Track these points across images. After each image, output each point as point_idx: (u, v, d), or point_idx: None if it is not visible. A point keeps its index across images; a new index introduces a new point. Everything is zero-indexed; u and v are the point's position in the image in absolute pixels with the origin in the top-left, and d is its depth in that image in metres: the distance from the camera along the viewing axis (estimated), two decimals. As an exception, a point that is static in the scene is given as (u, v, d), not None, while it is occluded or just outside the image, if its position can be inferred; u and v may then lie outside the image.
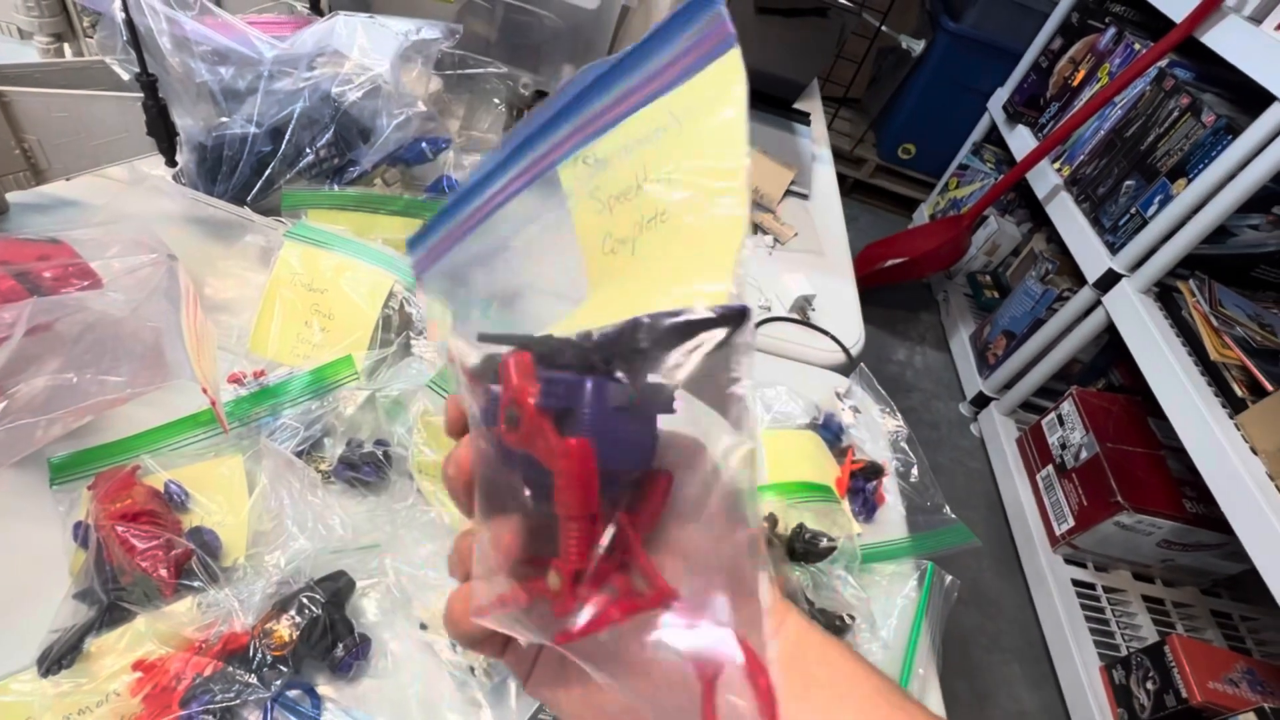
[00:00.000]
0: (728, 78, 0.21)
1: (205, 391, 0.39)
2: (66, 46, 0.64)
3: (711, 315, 0.19)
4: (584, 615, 0.20)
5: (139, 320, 0.38)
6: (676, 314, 0.20)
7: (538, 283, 0.26)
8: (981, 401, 1.93)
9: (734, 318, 0.20)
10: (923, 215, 2.49)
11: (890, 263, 2.07)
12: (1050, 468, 1.63)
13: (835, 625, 0.47)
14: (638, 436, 0.21)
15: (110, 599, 0.39)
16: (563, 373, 0.21)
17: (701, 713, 0.20)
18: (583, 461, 0.20)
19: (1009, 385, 1.84)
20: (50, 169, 0.53)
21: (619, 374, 0.21)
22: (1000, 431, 1.82)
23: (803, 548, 0.51)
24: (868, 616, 0.50)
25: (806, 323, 0.79)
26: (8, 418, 0.31)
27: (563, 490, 0.20)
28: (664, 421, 0.22)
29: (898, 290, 2.29)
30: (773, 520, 0.50)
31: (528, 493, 0.22)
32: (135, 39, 0.48)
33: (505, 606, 0.22)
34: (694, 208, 0.21)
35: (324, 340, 0.54)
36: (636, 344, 0.20)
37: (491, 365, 0.23)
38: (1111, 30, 1.74)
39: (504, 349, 0.22)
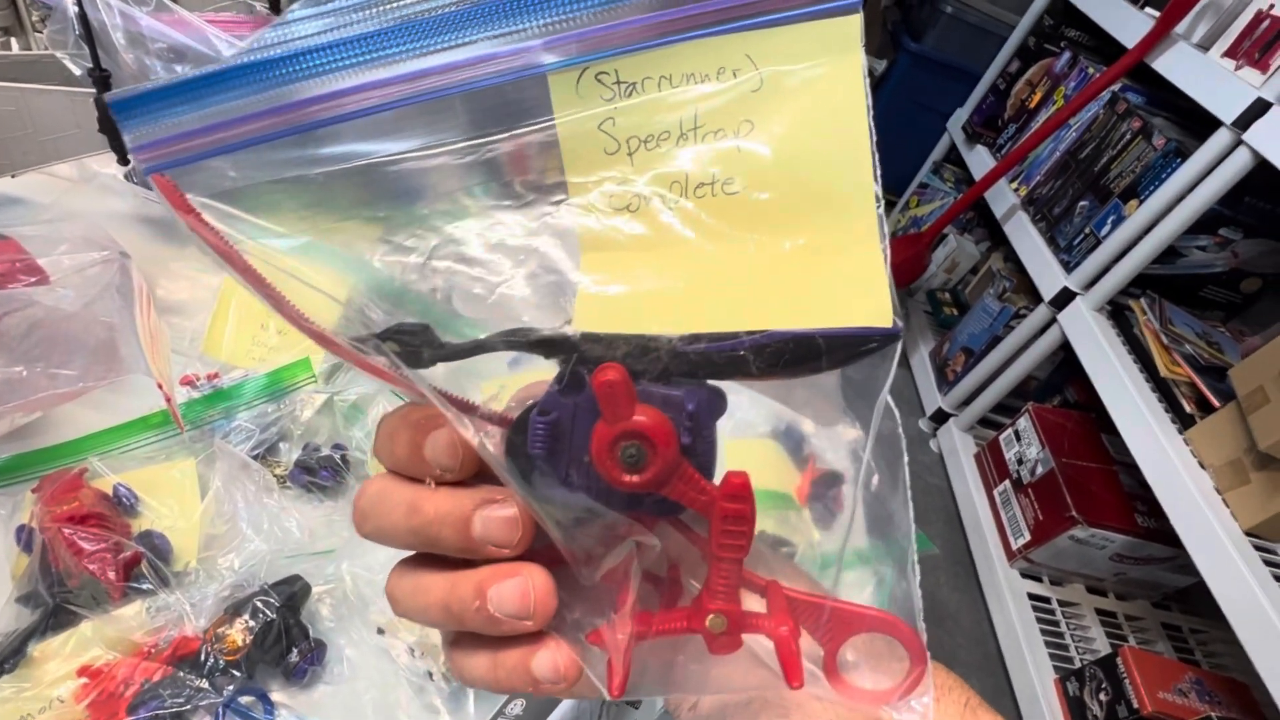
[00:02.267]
0: (845, 41, 0.17)
1: (160, 387, 0.38)
2: (14, 41, 0.62)
3: (875, 339, 0.17)
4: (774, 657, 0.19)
5: (90, 316, 0.37)
6: (821, 333, 0.17)
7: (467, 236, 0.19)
8: (941, 417, 1.97)
9: (889, 340, 0.17)
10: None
11: (856, 278, 2.11)
12: (1007, 483, 1.67)
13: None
14: (712, 444, 0.19)
15: (55, 602, 0.38)
16: (668, 388, 0.17)
17: (826, 675, 0.20)
18: (752, 500, 0.18)
19: (967, 401, 1.88)
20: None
21: (709, 383, 0.18)
22: (959, 447, 1.86)
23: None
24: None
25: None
26: (-54, 414, 0.30)
27: (732, 535, 0.18)
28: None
29: (863, 305, 2.33)
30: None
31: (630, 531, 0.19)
32: (88, 33, 0.47)
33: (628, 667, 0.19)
34: (795, 189, 0.17)
35: (280, 343, 0.53)
36: (783, 361, 0.17)
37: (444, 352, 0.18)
38: (1066, 54, 1.81)
39: (497, 343, 0.18)
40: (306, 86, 0.16)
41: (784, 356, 0.17)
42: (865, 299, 0.17)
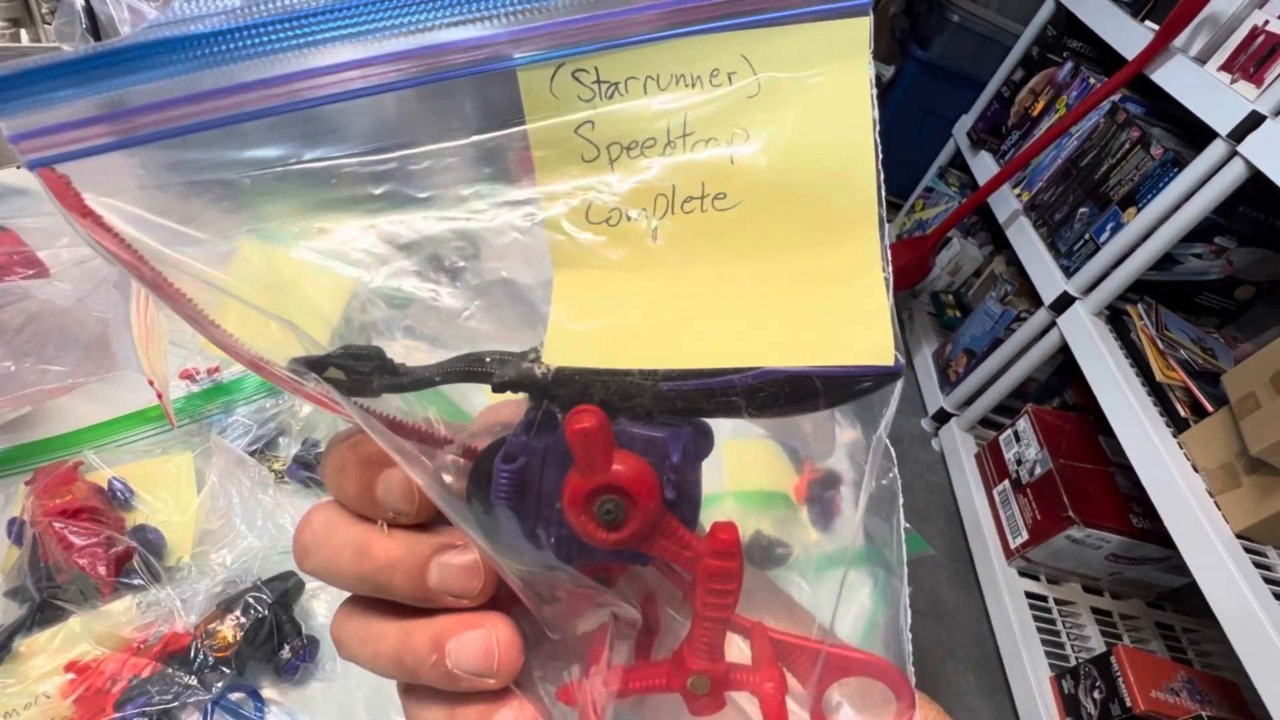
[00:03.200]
0: (852, 45, 0.15)
1: (152, 384, 0.38)
2: (24, 33, 0.62)
3: (872, 377, 0.15)
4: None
5: (85, 311, 0.37)
6: (818, 372, 0.15)
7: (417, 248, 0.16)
8: (943, 417, 1.97)
9: (890, 379, 0.16)
10: (890, 235, 2.55)
11: (857, 280, 2.11)
12: (1006, 482, 1.68)
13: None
14: (698, 489, 0.17)
15: (43, 596, 0.38)
16: (650, 430, 0.15)
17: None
18: (740, 556, 0.16)
19: (969, 402, 1.89)
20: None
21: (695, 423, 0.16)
22: (960, 447, 1.86)
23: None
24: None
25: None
26: (-60, 406, 0.30)
27: (718, 594, 0.17)
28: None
29: (864, 307, 2.34)
30: (728, 526, 0.51)
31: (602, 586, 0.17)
32: (95, 27, 0.47)
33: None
34: (790, 207, 0.15)
35: (283, 338, 0.53)
36: (774, 400, 0.15)
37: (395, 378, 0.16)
38: (1069, 64, 1.82)
39: (515, 394, 0.15)
40: (231, 72, 0.14)
41: (779, 398, 0.15)
42: (865, 333, 0.15)
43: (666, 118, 0.15)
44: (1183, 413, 1.28)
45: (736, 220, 0.15)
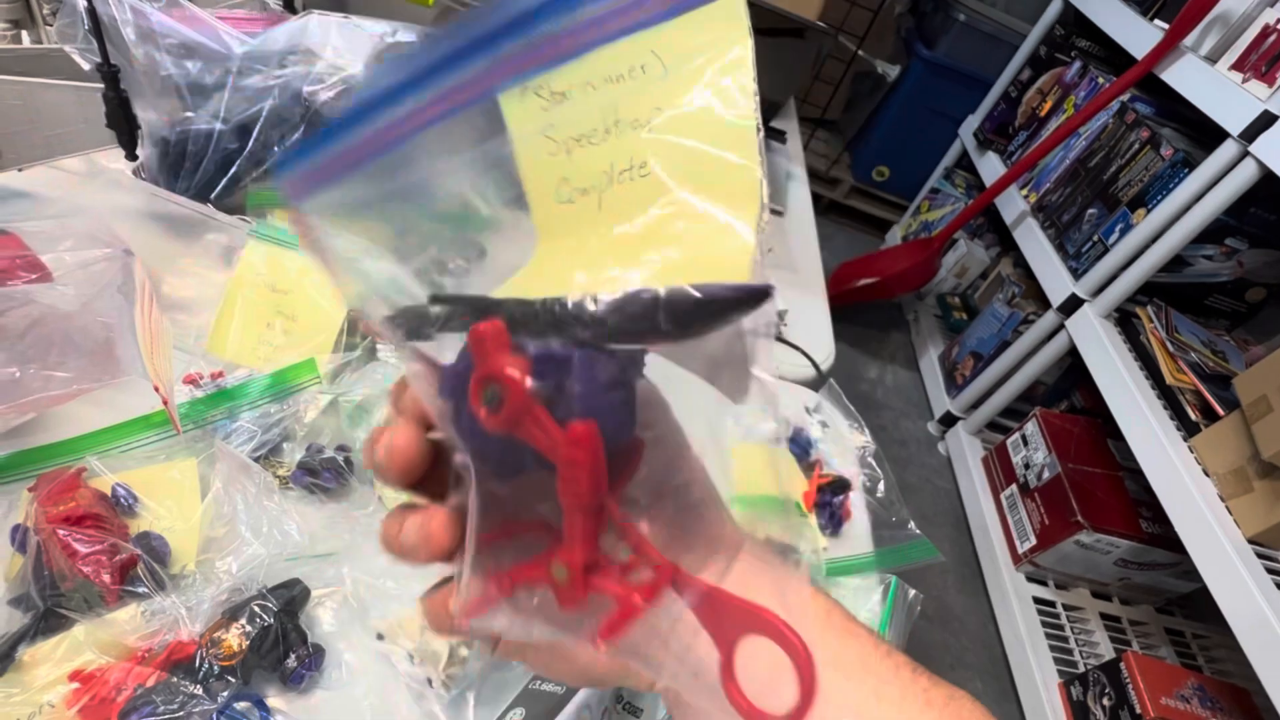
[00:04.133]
0: (730, 14, 0.19)
1: (157, 389, 0.37)
2: (24, 34, 0.62)
3: (733, 295, 0.18)
4: (604, 608, 0.20)
5: (89, 315, 0.37)
6: (692, 290, 0.18)
7: (469, 232, 0.22)
8: (949, 420, 1.96)
9: (757, 298, 0.18)
10: (895, 236, 2.54)
11: (862, 282, 2.10)
12: (1014, 487, 1.66)
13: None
14: (620, 408, 0.20)
15: (47, 605, 0.37)
16: (547, 344, 0.19)
17: (721, 679, 0.20)
18: (593, 449, 0.18)
19: (976, 405, 1.88)
20: (1, 158, 0.51)
21: (606, 345, 0.19)
22: (967, 450, 1.85)
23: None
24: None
25: (778, 338, 0.80)
26: (-59, 413, 0.30)
27: (571, 481, 0.18)
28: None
29: (869, 310, 2.33)
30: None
31: (505, 480, 0.20)
32: (97, 28, 0.47)
33: (489, 604, 0.21)
34: (691, 163, 0.19)
35: (286, 342, 0.53)
36: (648, 319, 0.18)
37: (436, 326, 0.20)
38: (1077, 64, 1.80)
39: (457, 313, 0.20)
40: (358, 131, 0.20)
41: (674, 313, 0.18)
42: (733, 261, 0.19)
43: (603, 111, 0.20)
44: (1193, 416, 1.27)
45: (653, 182, 0.20)
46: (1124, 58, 1.58)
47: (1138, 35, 1.52)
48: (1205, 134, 1.42)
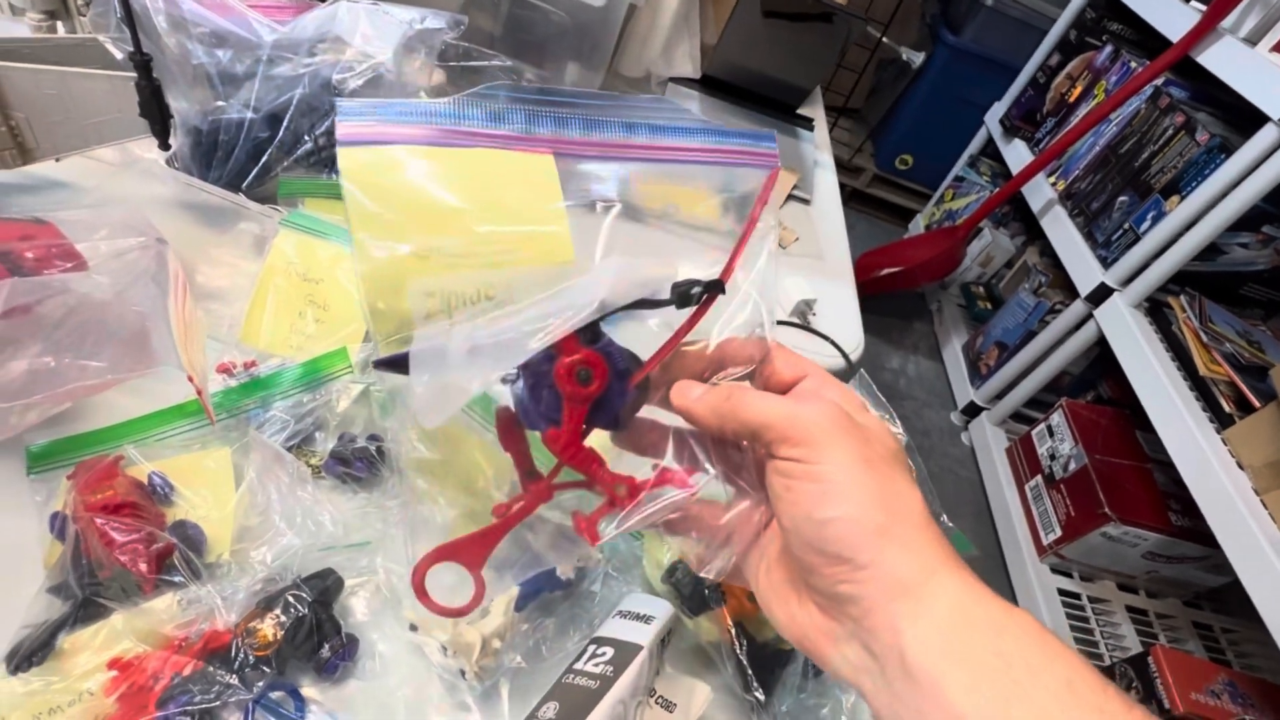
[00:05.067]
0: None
1: (191, 380, 0.37)
2: (59, 24, 0.62)
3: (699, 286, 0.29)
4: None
5: (124, 304, 0.37)
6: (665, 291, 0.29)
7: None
8: (972, 411, 1.93)
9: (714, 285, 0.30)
10: (918, 225, 2.50)
11: (886, 271, 2.07)
12: (1039, 478, 1.64)
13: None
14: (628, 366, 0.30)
15: (86, 594, 0.37)
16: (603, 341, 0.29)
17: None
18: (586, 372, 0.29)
19: (1000, 395, 1.85)
20: (38, 148, 0.51)
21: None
22: (990, 441, 1.83)
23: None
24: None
25: (806, 327, 0.78)
26: (-16, 402, 0.30)
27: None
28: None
29: (892, 299, 2.30)
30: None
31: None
32: (130, 17, 0.47)
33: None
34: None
35: (318, 331, 0.53)
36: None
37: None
38: (1109, 48, 1.76)
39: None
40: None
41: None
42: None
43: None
44: (1227, 408, 1.24)
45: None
46: (1158, 41, 1.54)
47: (1173, 18, 1.48)
48: (1243, 118, 1.37)
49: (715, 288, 0.29)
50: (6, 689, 0.35)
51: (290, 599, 0.40)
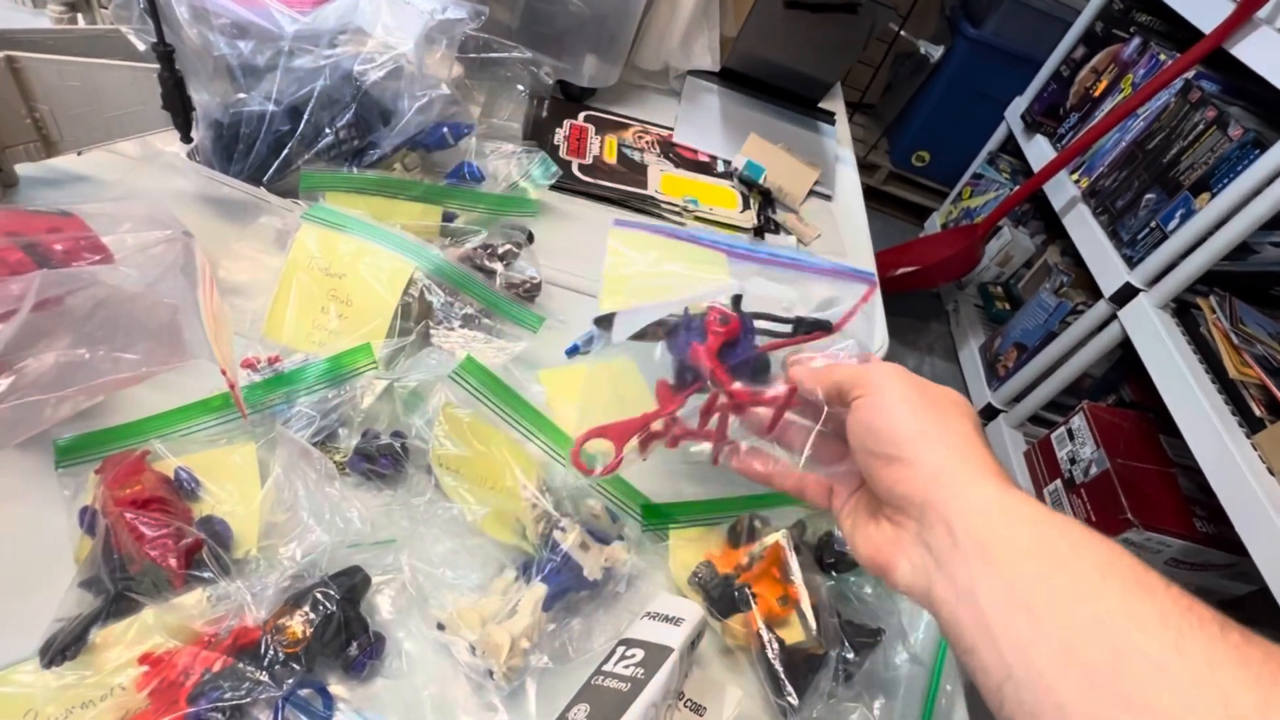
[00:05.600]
0: None
1: (225, 374, 0.37)
2: (80, 16, 0.62)
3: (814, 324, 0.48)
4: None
5: (153, 297, 0.36)
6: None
7: None
8: (990, 413, 1.91)
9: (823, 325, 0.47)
10: (934, 224, 2.47)
11: (901, 271, 2.05)
12: (1058, 482, 1.62)
13: (865, 637, 0.45)
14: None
15: (118, 589, 0.37)
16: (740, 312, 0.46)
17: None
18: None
19: (1018, 398, 1.82)
20: (62, 141, 0.51)
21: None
22: (1008, 444, 1.80)
23: (832, 557, 0.49)
24: (898, 630, 0.48)
25: (829, 327, 0.77)
26: (14, 394, 0.30)
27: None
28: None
29: (908, 299, 2.28)
30: (801, 528, 0.48)
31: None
32: (152, 7, 0.46)
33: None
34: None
35: (341, 327, 0.52)
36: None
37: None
38: (1136, 40, 1.72)
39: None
40: None
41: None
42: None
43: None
44: (1258, 412, 1.21)
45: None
46: (1188, 32, 1.51)
47: (1205, 8, 1.44)
48: (1278, 113, 1.34)
49: (824, 326, 0.47)
50: (41, 682, 0.35)
51: (319, 596, 0.39)
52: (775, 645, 0.42)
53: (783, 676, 0.40)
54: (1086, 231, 1.65)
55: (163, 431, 0.44)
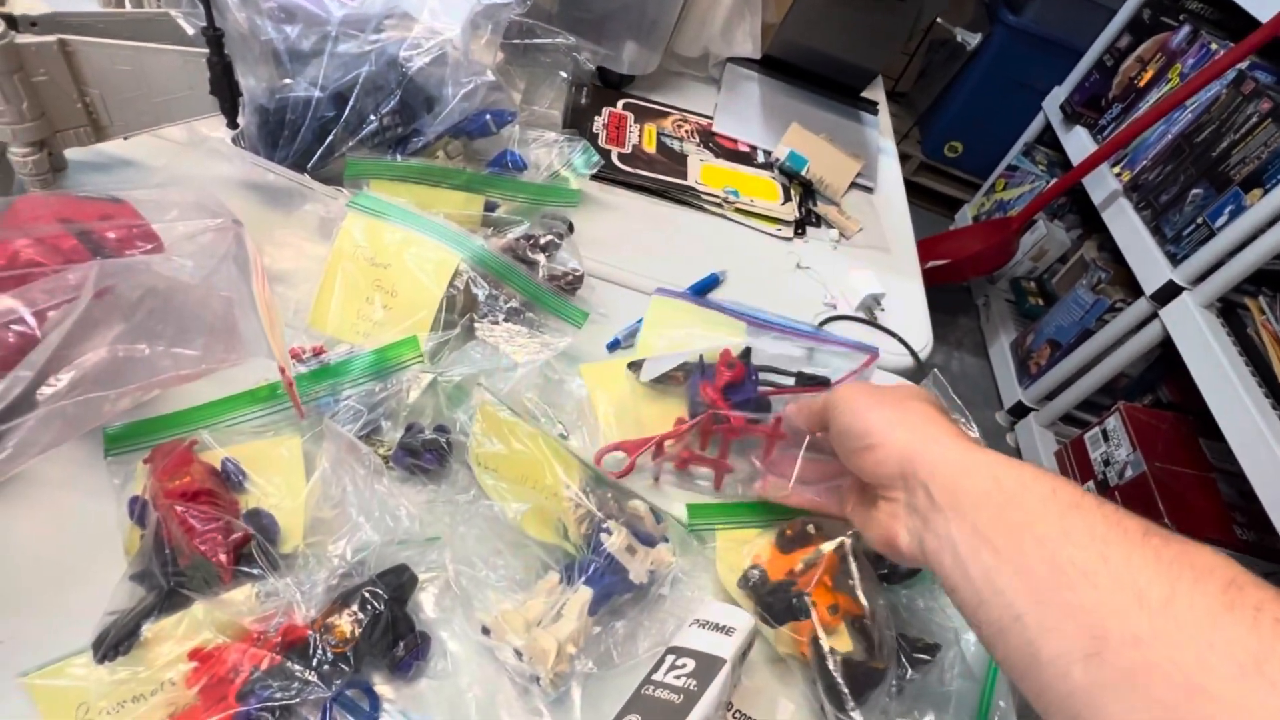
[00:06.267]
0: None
1: (283, 371, 0.36)
2: (127, 0, 0.61)
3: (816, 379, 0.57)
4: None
5: (208, 288, 0.36)
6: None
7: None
8: (1020, 411, 1.88)
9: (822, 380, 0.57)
10: (965, 216, 2.42)
11: (932, 264, 2.01)
12: (1091, 484, 1.59)
13: (921, 653, 0.44)
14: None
15: (171, 584, 0.37)
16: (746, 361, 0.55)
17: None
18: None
19: (1050, 396, 1.79)
20: (111, 125, 0.50)
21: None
22: (1039, 443, 1.77)
23: (884, 568, 0.48)
24: (949, 643, 0.47)
25: (874, 323, 0.75)
26: (77, 390, 0.29)
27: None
28: None
29: (937, 293, 2.22)
30: (857, 536, 0.47)
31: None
32: (203, -11, 0.45)
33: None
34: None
35: (386, 318, 0.51)
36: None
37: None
38: (1186, 28, 1.66)
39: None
40: None
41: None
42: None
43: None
44: (1307, 417, 1.18)
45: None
46: (1242, 21, 1.45)
47: (1264, -4, 1.39)
48: (1337, 108, 1.29)
49: (823, 381, 0.56)
50: (94, 676, 0.35)
51: (367, 595, 0.39)
52: (835, 657, 0.41)
53: (845, 690, 0.39)
54: (1128, 226, 1.61)
55: (210, 422, 0.44)
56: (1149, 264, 1.51)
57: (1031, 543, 0.29)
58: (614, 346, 0.62)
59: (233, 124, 0.53)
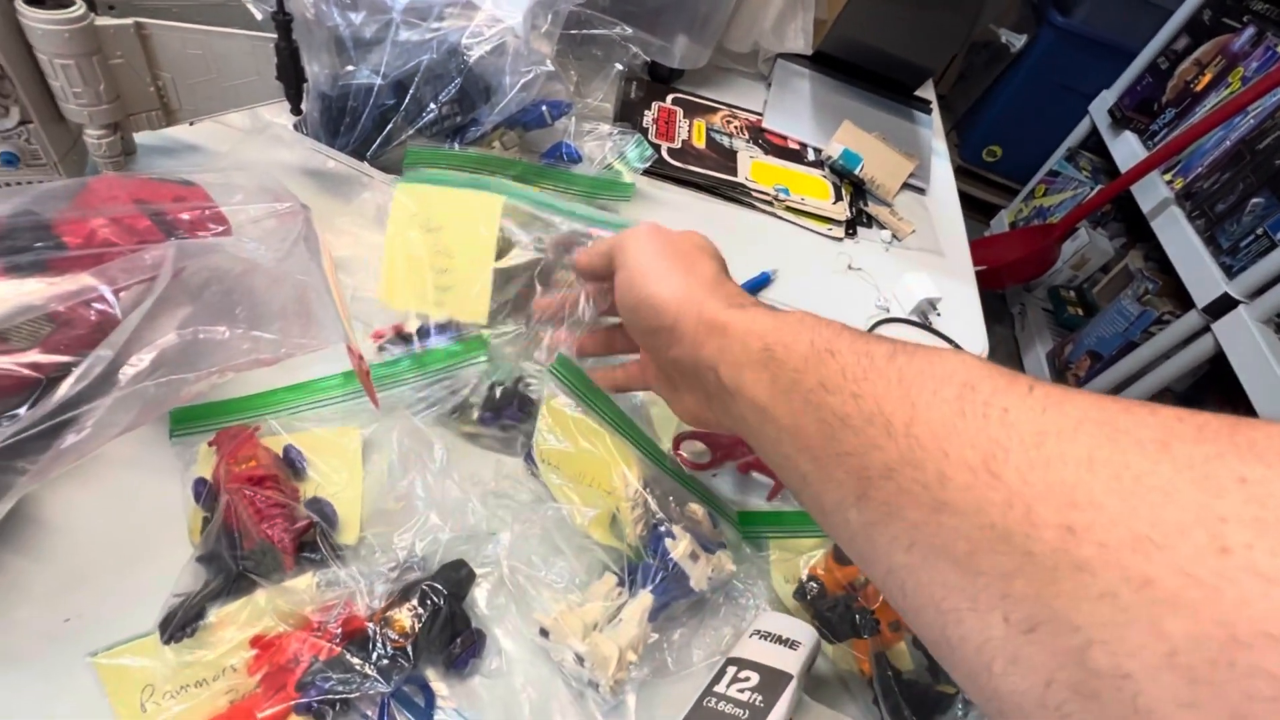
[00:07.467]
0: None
1: (361, 359, 0.36)
2: (191, -18, 0.61)
3: None
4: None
5: (281, 272, 0.35)
6: None
7: None
8: (1058, 422, 1.83)
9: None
10: (1002, 222, 2.37)
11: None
12: (1132, 499, 1.54)
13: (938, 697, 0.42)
14: None
15: (238, 569, 0.36)
16: None
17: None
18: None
19: (1091, 408, 1.74)
20: (181, 110, 0.50)
21: None
22: (1077, 455, 1.73)
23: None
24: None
25: (928, 328, 0.73)
26: (160, 370, 0.29)
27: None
28: None
29: (973, 298, 2.19)
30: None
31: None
32: (273, -26, 0.45)
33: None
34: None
35: (451, 282, 0.50)
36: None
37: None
38: (1250, 30, 1.60)
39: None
40: None
41: None
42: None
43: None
44: (1369, 439, 1.13)
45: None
46: (1311, 27, 1.40)
47: (1335, 1, 1.33)
48: None
49: None
50: (160, 659, 0.34)
51: (426, 589, 0.38)
52: (897, 679, 0.39)
53: (910, 715, 0.37)
54: (1179, 236, 1.56)
55: (277, 408, 0.44)
56: (1202, 275, 1.46)
57: (799, 403, 0.29)
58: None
59: (296, 110, 0.53)
